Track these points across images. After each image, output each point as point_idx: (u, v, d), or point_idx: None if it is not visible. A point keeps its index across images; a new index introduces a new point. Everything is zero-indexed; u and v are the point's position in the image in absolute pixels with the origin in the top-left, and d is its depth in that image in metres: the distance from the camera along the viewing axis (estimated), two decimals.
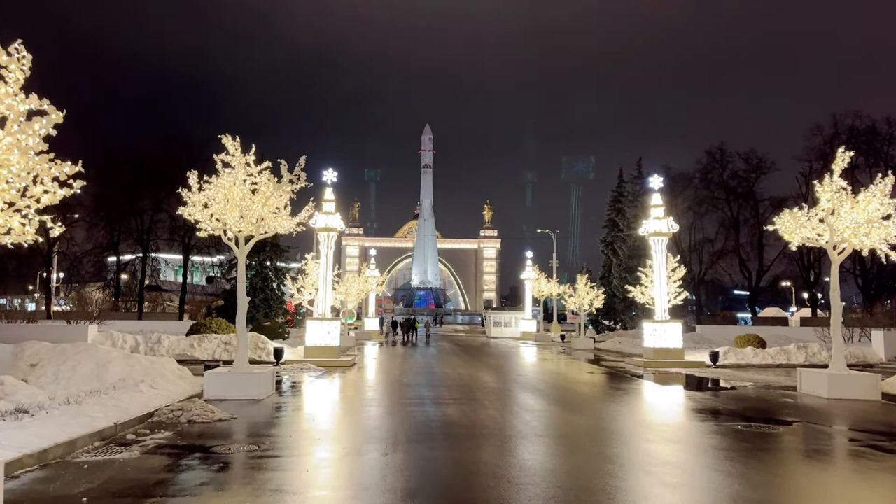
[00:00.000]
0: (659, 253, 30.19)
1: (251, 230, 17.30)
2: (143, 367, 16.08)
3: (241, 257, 17.65)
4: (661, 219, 30.21)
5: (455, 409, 15.45)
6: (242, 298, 17.61)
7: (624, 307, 61.52)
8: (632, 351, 39.90)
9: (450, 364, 30.04)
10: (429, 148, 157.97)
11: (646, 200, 33.09)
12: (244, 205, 16.87)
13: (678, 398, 19.32)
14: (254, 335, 28.72)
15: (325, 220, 29.03)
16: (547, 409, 16.00)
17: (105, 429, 11.54)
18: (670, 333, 29.22)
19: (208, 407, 13.85)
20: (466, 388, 19.86)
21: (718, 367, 27.81)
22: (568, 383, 23.42)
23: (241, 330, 17.48)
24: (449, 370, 26.67)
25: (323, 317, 28.75)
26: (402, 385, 20.60)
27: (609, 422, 14.39)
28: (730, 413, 15.34)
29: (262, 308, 62.09)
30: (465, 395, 18.00)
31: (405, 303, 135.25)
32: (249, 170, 16.94)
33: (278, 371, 24.84)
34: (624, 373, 26.28)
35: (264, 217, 17.35)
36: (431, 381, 21.98)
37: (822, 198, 18.66)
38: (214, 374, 16.94)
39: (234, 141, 16.70)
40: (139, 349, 27.53)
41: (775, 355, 29.14)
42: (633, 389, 21.32)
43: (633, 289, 34.17)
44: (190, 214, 16.86)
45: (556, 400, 17.95)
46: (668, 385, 22.54)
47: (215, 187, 16.65)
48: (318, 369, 25.39)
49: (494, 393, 18.96)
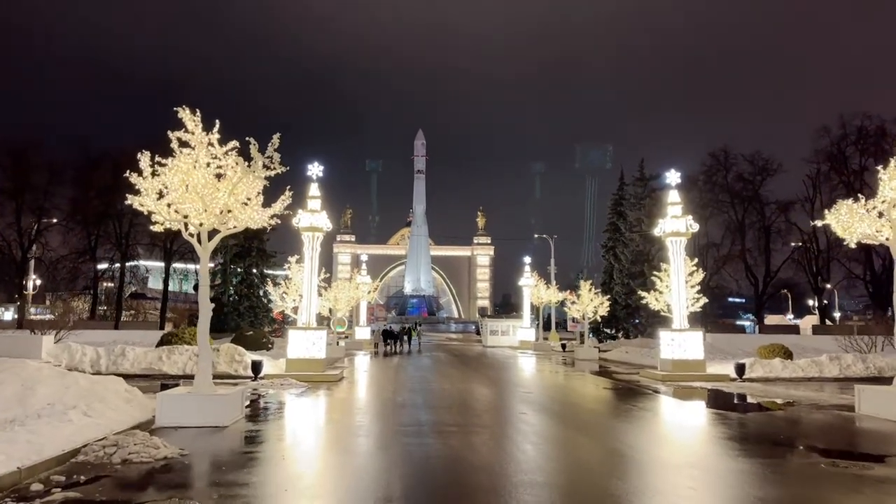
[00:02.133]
0: (677, 255, 27.55)
1: (215, 223, 14.49)
2: (79, 389, 13.21)
3: (203, 256, 14.82)
4: (678, 218, 27.60)
5: (460, 440, 12.64)
6: (205, 305, 14.77)
7: (626, 314, 58.90)
8: (642, 361, 37.20)
9: (447, 377, 27.24)
10: (421, 153, 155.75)
11: (661, 198, 30.43)
12: (206, 193, 14.06)
13: (718, 422, 16.55)
14: (230, 346, 25.83)
15: (310, 219, 26.23)
16: (568, 438, 13.24)
17: (3, 476, 8.70)
18: (690, 343, 26.54)
19: (152, 441, 11.00)
20: (470, 411, 17.07)
21: (745, 381, 25.12)
22: (583, 402, 20.67)
23: (203, 343, 14.63)
24: (447, 385, 23.87)
25: (307, 326, 25.90)
26: (397, 406, 17.75)
27: (642, 454, 11.63)
28: (792, 442, 12.63)
29: (248, 316, 59.11)
30: (469, 420, 15.19)
31: (398, 311, 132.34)
32: (213, 151, 14.14)
33: (256, 388, 22.02)
34: (640, 388, 23.53)
35: (231, 208, 14.55)
36: (429, 401, 19.16)
37: (884, 188, 16.06)
38: (169, 396, 14.08)
39: (194, 115, 13.92)
40: (100, 363, 24.59)
41: (806, 367, 26.49)
42: (657, 409, 18.60)
43: (646, 294, 31.46)
44: (142, 205, 14.04)
45: (577, 425, 15.19)
46: (695, 403, 19.81)
47: (171, 171, 13.84)
48: (300, 385, 22.55)
49: (503, 416, 16.20)
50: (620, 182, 65.25)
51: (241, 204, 14.62)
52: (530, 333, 59.48)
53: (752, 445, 12.57)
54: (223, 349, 25.55)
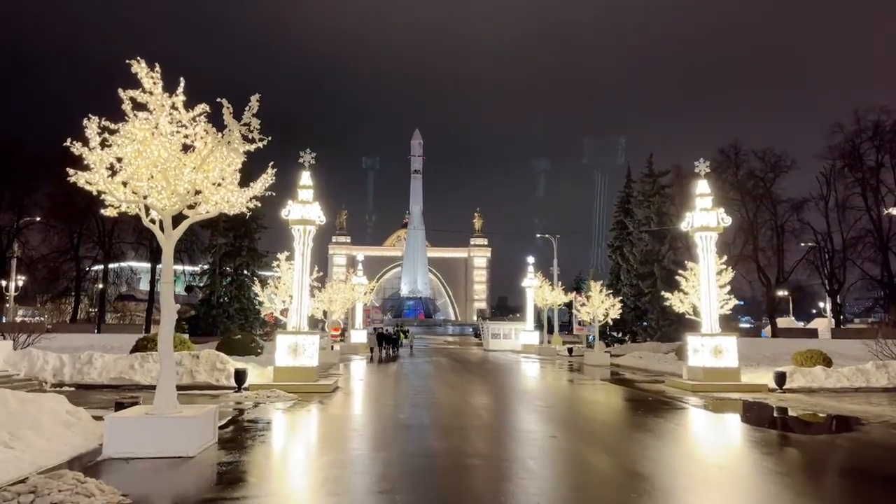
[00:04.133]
0: (707, 252, 24.96)
1: (181, 207, 11.82)
2: (5, 412, 10.51)
3: (167, 247, 12.13)
4: (708, 210, 25.02)
5: (490, 481, 9.98)
6: (168, 306, 12.07)
7: (635, 317, 56.36)
8: (660, 368, 34.63)
9: (453, 388, 24.60)
10: (418, 153, 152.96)
11: (689, 189, 27.88)
12: (169, 168, 11.39)
13: (787, 446, 13.93)
14: (211, 353, 23.10)
15: (301, 211, 23.55)
16: (626, 477, 10.60)
17: None
18: (723, 349, 23.95)
19: (85, 485, 8.32)
20: (489, 434, 14.41)
21: (786, 392, 22.55)
22: (617, 422, 18.04)
23: (166, 352, 11.94)
24: (454, 398, 21.23)
25: (297, 329, 23.21)
26: (400, 426, 15.06)
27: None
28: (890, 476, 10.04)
29: (238, 319, 56.27)
30: (493, 451, 12.53)
31: (394, 313, 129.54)
32: (177, 116, 11.47)
33: (239, 400, 19.34)
34: (670, 400, 20.91)
35: (201, 188, 11.88)
36: (438, 419, 16.49)
37: None
38: (120, 419, 11.37)
39: (153, 70, 11.24)
40: (63, 372, 21.85)
41: (851, 376, 23.92)
42: (699, 427, 15.98)
43: (671, 296, 28.83)
44: (90, 183, 11.35)
45: (625, 455, 12.53)
46: (740, 419, 17.22)
47: (125, 140, 11.17)
48: (289, 397, 19.87)
49: (532, 443, 13.53)
50: (627, 179, 62.74)
51: (214, 184, 11.95)
52: (534, 337, 56.85)
53: (834, 482, 9.95)
54: (203, 356, 22.84)
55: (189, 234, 63.81)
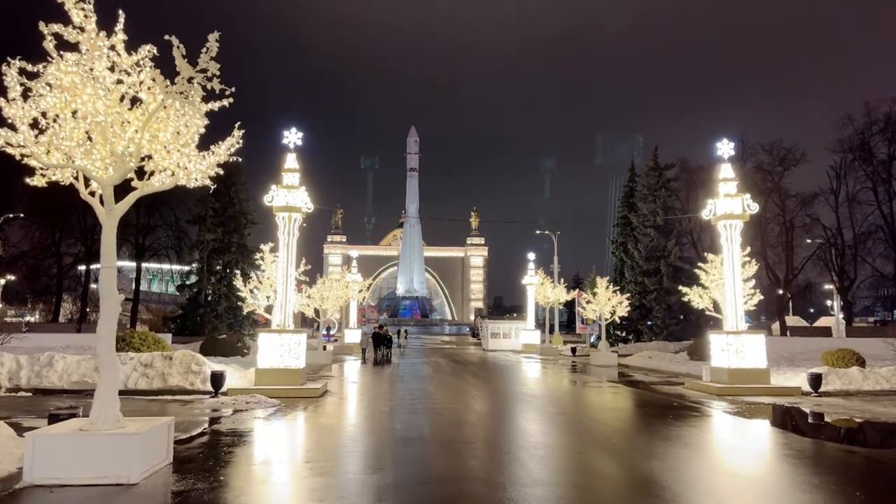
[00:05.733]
0: (731, 242, 22.79)
1: (123, 173, 9.60)
2: None
3: (107, 223, 9.90)
4: (733, 196, 22.87)
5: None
6: (110, 297, 9.83)
7: (639, 315, 54.22)
8: (673, 368, 32.55)
9: (455, 392, 22.41)
10: (415, 150, 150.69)
11: (712, 175, 25.77)
12: (107, 125, 9.17)
13: (846, 460, 11.75)
14: (185, 354, 20.84)
15: (287, 197, 21.33)
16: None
17: None
18: (751, 349, 21.82)
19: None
20: (504, 451, 12.19)
21: (821, 395, 20.43)
22: (648, 432, 15.87)
23: (105, 353, 9.69)
24: (457, 404, 19.06)
25: (282, 328, 20.97)
26: (398, 441, 12.81)
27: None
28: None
29: (226, 318, 53.91)
30: (514, 474, 10.32)
31: (390, 312, 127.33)
32: (117, 60, 9.24)
33: (216, 407, 17.14)
34: (692, 404, 18.77)
35: (151, 152, 9.66)
36: (441, 431, 14.27)
37: None
38: (46, 437, 9.14)
39: (85, 2, 8.99)
40: (20, 375, 19.58)
41: (891, 377, 21.81)
42: (734, 436, 13.81)
43: (688, 291, 26.68)
44: (10, 143, 9.10)
45: (679, 482, 10.35)
46: (779, 427, 15.06)
47: (48, 88, 8.94)
48: (271, 403, 17.68)
49: (556, 460, 11.34)
50: (631, 173, 60.69)
51: (167, 149, 9.72)
52: (535, 336, 54.59)
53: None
54: (178, 357, 20.59)
55: (176, 230, 61.65)
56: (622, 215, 58.39)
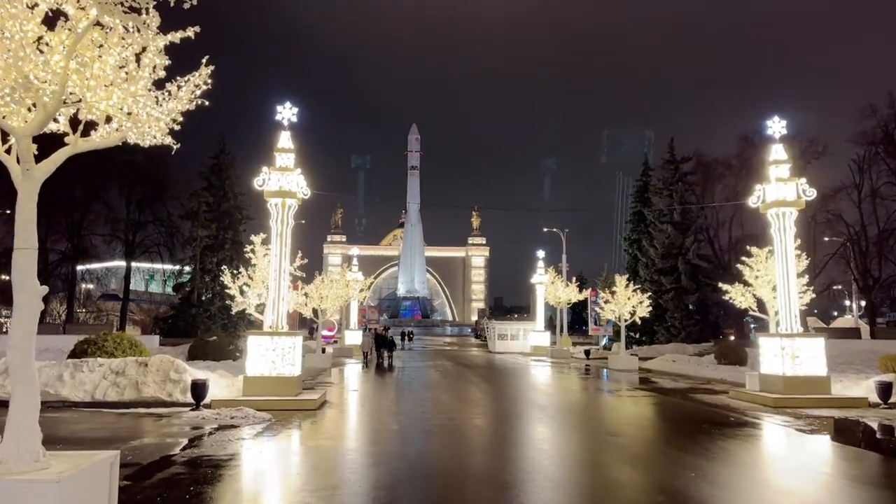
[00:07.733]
0: (783, 232, 20.10)
1: (43, 115, 6.92)
2: None
3: (24, 189, 7.23)
4: (785, 181, 20.18)
5: None
6: (26, 289, 7.12)
7: (655, 316, 51.49)
8: (703, 373, 29.90)
9: (474, 405, 19.77)
10: (416, 149, 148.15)
11: (763, 156, 23.13)
12: (17, 46, 6.49)
13: None
14: (164, 359, 18.13)
15: (280, 181, 18.64)
16: None
17: None
18: (808, 354, 19.17)
19: None
20: (558, 492, 9.53)
21: (891, 407, 17.78)
22: (731, 466, 13.19)
23: (19, 364, 6.98)
24: (480, 420, 16.42)
25: (275, 330, 18.28)
26: (417, 476, 10.13)
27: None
28: None
29: (220, 318, 51.11)
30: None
31: (391, 313, 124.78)
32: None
33: (197, 424, 14.48)
34: (747, 420, 16.10)
35: (84, 89, 6.98)
36: (468, 460, 11.60)
37: None
38: None
39: None
40: None
41: None
42: (830, 465, 11.14)
43: (730, 288, 23.99)
44: None
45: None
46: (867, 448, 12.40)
47: None
48: (260, 418, 15.02)
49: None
50: (644, 167, 58.02)
51: (104, 78, 7.05)
52: (545, 338, 51.92)
53: None
54: (154, 363, 17.90)
55: (168, 226, 58.99)
56: (635, 211, 55.73)
